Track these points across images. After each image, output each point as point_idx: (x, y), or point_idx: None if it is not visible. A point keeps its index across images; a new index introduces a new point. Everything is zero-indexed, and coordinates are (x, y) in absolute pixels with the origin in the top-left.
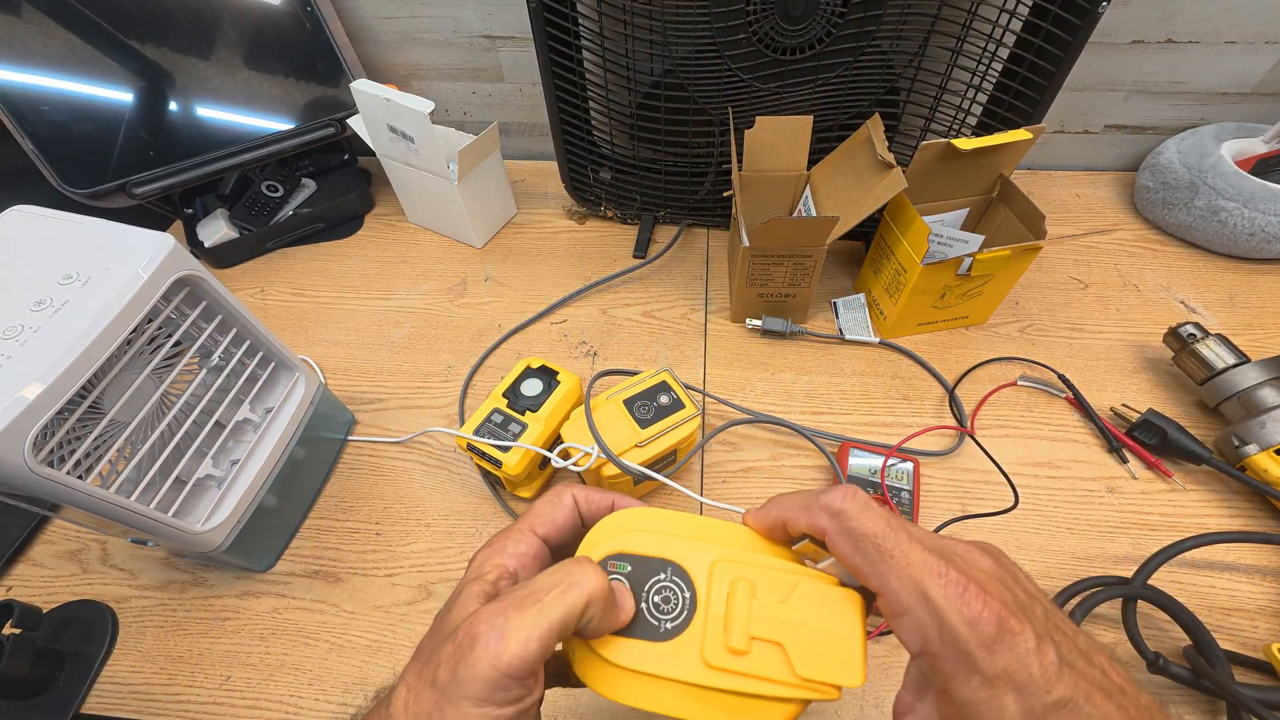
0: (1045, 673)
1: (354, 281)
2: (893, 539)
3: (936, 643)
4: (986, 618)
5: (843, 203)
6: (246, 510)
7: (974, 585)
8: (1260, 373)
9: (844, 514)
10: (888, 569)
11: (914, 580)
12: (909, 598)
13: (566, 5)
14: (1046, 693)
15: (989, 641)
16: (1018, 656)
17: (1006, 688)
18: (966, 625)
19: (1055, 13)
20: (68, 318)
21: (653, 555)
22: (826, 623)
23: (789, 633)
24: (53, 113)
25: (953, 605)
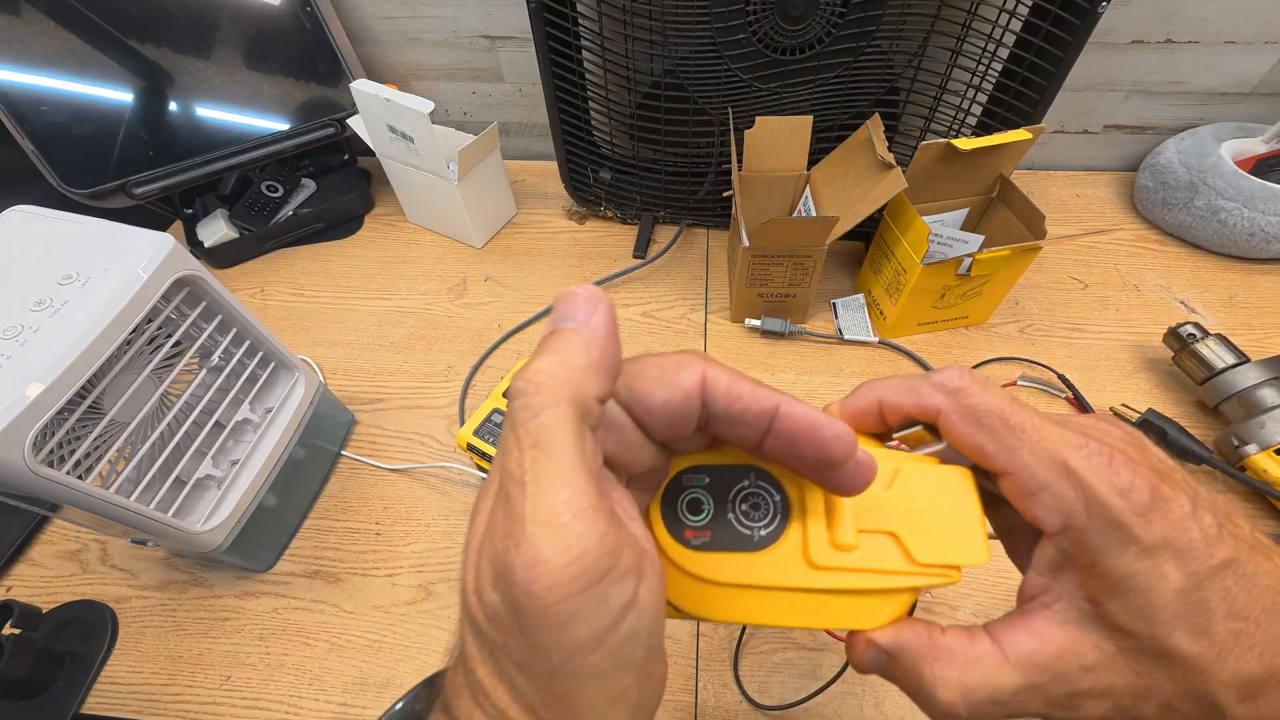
0: (1205, 536)
1: (354, 281)
2: (1021, 413)
3: (1083, 516)
4: (1139, 485)
5: (842, 203)
6: (246, 510)
7: (1119, 453)
8: (1260, 373)
9: (963, 391)
10: (1019, 444)
11: (1051, 453)
12: (1047, 472)
13: (566, 5)
14: (1209, 556)
15: (1144, 509)
16: (1175, 522)
17: (1166, 555)
18: (1118, 495)
19: (1055, 13)
20: (68, 318)
21: (732, 462)
22: (939, 503)
23: (899, 519)
24: (53, 113)
25: (1100, 475)
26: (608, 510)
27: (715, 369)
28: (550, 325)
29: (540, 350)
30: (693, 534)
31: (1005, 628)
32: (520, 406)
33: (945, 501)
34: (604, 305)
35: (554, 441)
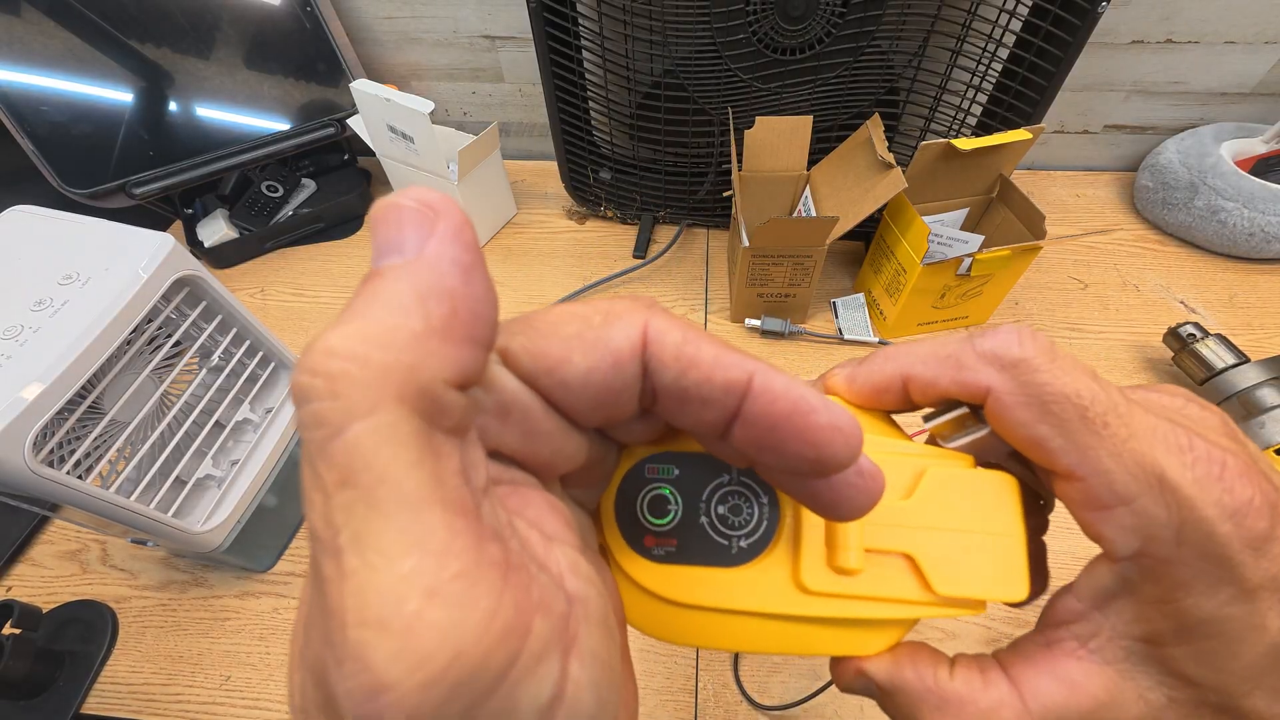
0: None
1: (354, 282)
2: (1105, 398)
3: (1171, 543)
4: (1258, 507)
5: (842, 203)
6: (246, 510)
7: (1232, 458)
8: (1260, 373)
9: (1026, 364)
10: (1099, 443)
11: (1143, 457)
12: (1134, 483)
13: (566, 5)
14: None
15: (1259, 541)
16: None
17: (1272, 600)
18: (1228, 519)
19: (1055, 13)
20: (68, 318)
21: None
22: (971, 521)
23: (918, 538)
24: (53, 113)
25: (1207, 490)
26: (494, 562)
27: (661, 320)
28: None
29: (341, 315)
30: (654, 542)
31: (1027, 668)
32: (311, 421)
33: (979, 518)
34: (448, 221)
35: (377, 473)
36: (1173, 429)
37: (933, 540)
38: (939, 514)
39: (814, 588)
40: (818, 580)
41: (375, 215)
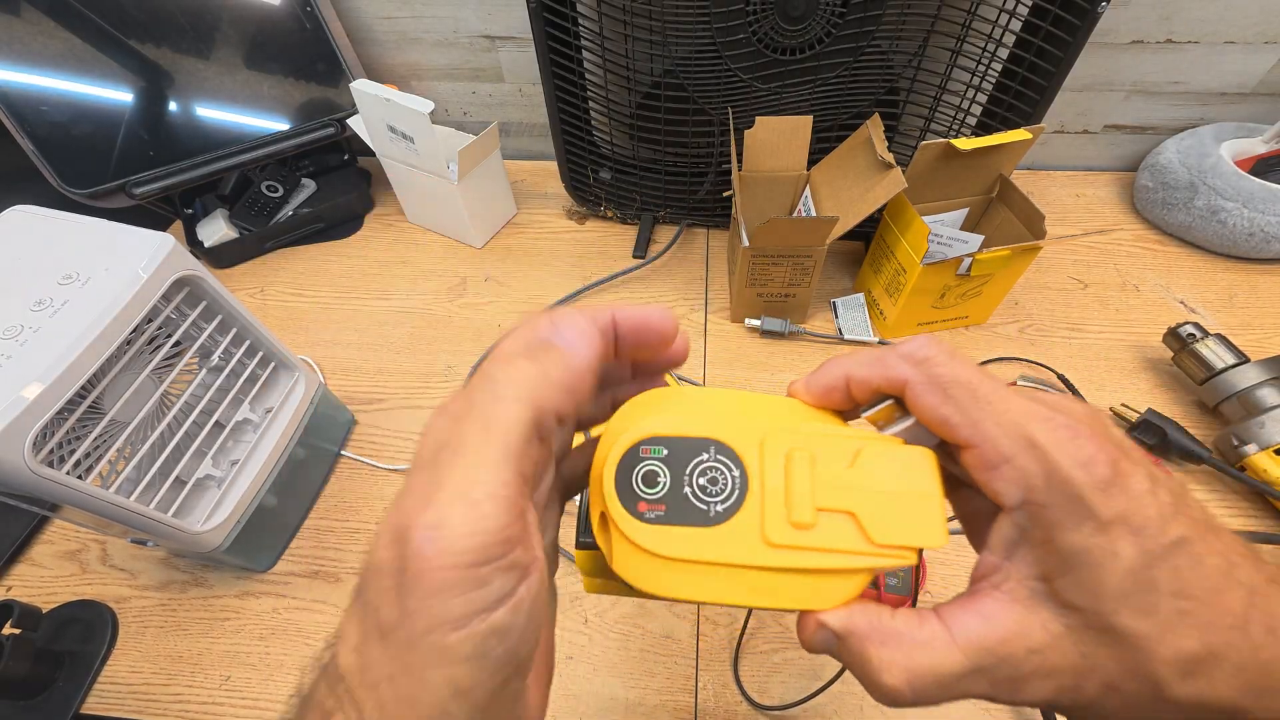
0: (1161, 513)
1: (354, 281)
2: (989, 384)
3: (1043, 490)
4: (1101, 459)
5: (842, 203)
6: (246, 510)
7: (1084, 426)
8: (1260, 372)
9: (930, 360)
10: (984, 415)
11: (1017, 425)
12: (1011, 444)
13: (566, 5)
14: (1163, 534)
15: (1104, 484)
16: (1134, 498)
17: (1122, 531)
18: (1080, 468)
19: (1055, 13)
20: (68, 318)
21: (692, 435)
22: (899, 484)
23: (859, 498)
24: (53, 113)
25: (1063, 448)
26: (520, 509)
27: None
28: (543, 330)
29: (525, 348)
30: (647, 507)
31: (955, 610)
32: (486, 385)
33: (906, 482)
34: (596, 344)
35: (501, 430)
36: (1039, 405)
37: (870, 500)
38: (875, 480)
39: (777, 541)
40: (779, 534)
41: (562, 313)
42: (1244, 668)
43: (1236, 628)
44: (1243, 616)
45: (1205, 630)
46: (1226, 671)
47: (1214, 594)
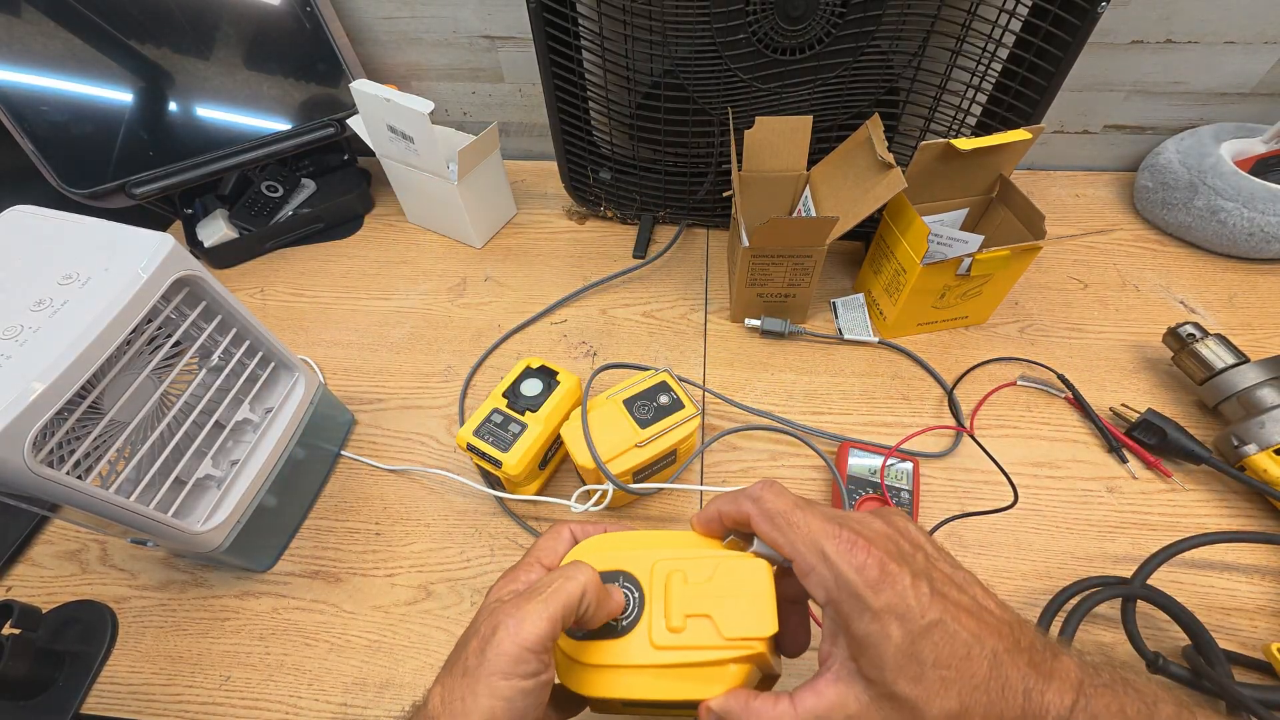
0: (920, 602)
1: (354, 281)
2: (798, 513)
3: (835, 590)
4: (870, 564)
5: (842, 203)
6: (246, 510)
7: (861, 539)
8: (1259, 373)
9: (761, 498)
10: (796, 536)
11: (815, 542)
12: (813, 556)
13: (566, 5)
14: (921, 618)
15: (874, 583)
16: (898, 593)
17: (890, 618)
18: (855, 572)
19: (1055, 13)
20: (67, 318)
21: (609, 569)
22: (742, 589)
23: (713, 604)
24: (53, 113)
25: (843, 557)
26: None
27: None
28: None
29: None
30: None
31: (801, 690)
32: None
33: (747, 587)
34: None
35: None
36: (832, 525)
37: (722, 603)
38: (725, 588)
39: (659, 643)
40: (661, 638)
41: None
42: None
43: (981, 688)
44: (986, 678)
45: (960, 691)
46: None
47: (964, 661)
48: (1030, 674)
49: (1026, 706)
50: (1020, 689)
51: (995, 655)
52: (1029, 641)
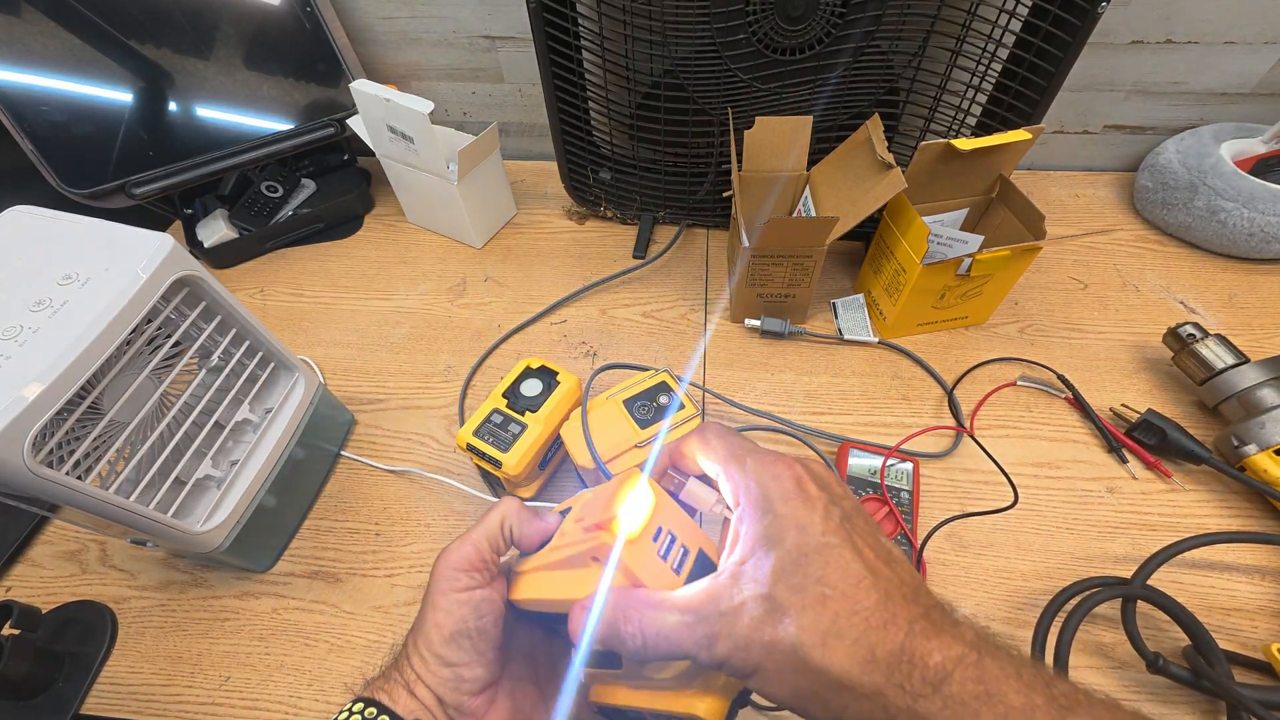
0: (825, 524)
1: (354, 282)
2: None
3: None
4: (787, 476)
5: (842, 203)
6: (246, 511)
7: (788, 460)
8: (1259, 373)
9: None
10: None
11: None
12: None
13: (566, 5)
14: (821, 534)
15: (785, 494)
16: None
17: (790, 525)
18: (771, 479)
19: (1055, 13)
20: (67, 318)
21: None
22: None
23: (588, 507)
24: (53, 113)
25: (763, 467)
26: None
27: None
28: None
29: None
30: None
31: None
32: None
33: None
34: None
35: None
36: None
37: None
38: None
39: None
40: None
41: None
42: (859, 644)
43: (860, 614)
44: (869, 608)
45: (838, 613)
46: (846, 645)
47: (852, 588)
48: (920, 620)
49: (906, 644)
50: (905, 628)
51: (888, 594)
52: (929, 601)
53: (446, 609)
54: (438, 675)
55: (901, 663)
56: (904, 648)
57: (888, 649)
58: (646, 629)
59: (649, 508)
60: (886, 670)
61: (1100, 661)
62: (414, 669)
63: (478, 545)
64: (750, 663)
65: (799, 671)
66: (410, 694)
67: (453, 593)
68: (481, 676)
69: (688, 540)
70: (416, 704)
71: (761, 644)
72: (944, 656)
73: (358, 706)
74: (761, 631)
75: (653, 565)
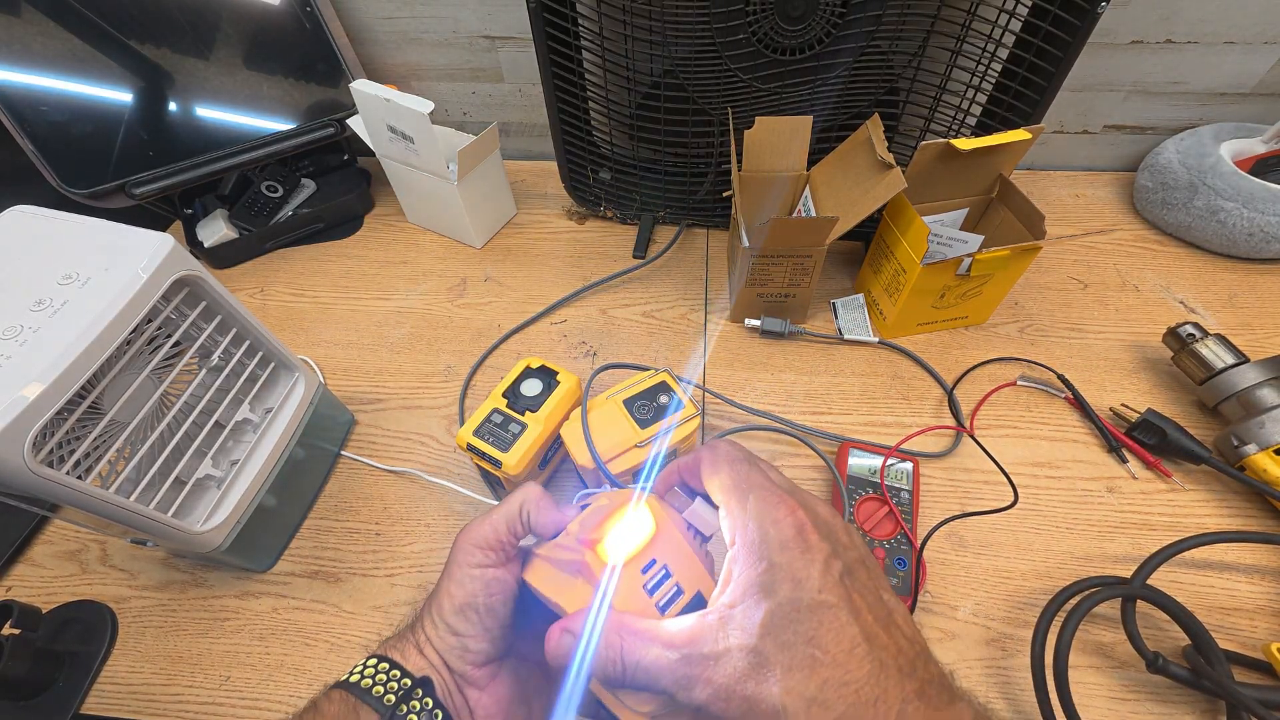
0: (823, 580)
1: (354, 282)
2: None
3: (741, 532)
4: (787, 523)
5: (842, 203)
6: (246, 510)
7: (792, 502)
8: (1259, 373)
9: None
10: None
11: (743, 489)
12: (734, 500)
13: (566, 5)
14: (817, 592)
15: (783, 541)
16: (804, 559)
17: (785, 578)
18: (771, 524)
19: (1054, 13)
20: (67, 318)
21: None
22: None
23: (590, 517)
24: (53, 113)
25: (764, 509)
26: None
27: None
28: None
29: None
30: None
31: (671, 622)
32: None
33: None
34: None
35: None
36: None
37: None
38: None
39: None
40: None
41: None
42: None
43: (851, 686)
44: (860, 680)
45: (827, 681)
46: (832, 717)
47: (845, 655)
48: (914, 700)
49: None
50: (896, 707)
51: (882, 665)
52: (926, 674)
53: (459, 581)
54: (445, 642)
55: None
56: None
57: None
58: (627, 657)
59: (644, 537)
60: None
61: (1100, 661)
62: (425, 632)
63: (495, 526)
64: (729, 714)
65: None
66: (420, 654)
67: (467, 567)
68: (485, 650)
69: (683, 579)
70: (425, 662)
71: (742, 697)
72: None
73: (372, 661)
74: (744, 685)
75: (635, 599)
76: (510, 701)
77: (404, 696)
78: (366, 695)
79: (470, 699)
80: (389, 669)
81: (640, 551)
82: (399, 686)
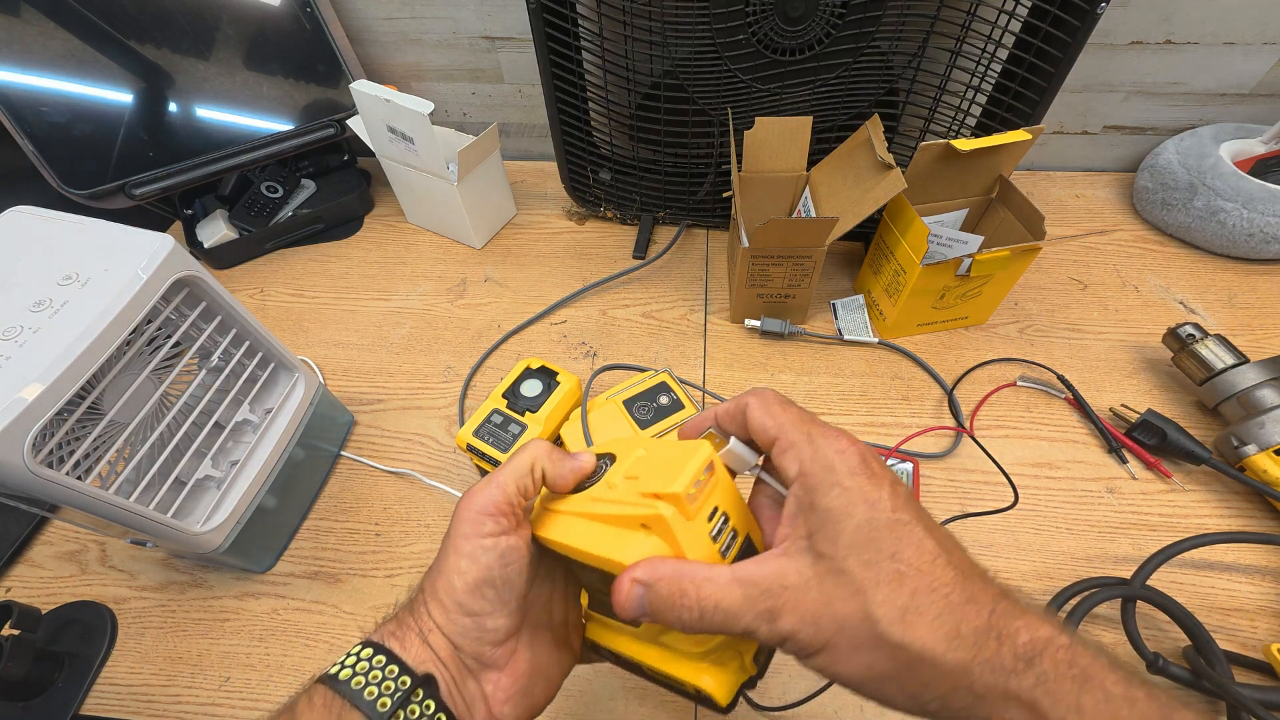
0: (894, 501)
1: (354, 282)
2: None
3: (809, 461)
4: (852, 452)
5: (842, 203)
6: (246, 511)
7: (846, 436)
8: (1259, 373)
9: (763, 392)
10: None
11: (804, 425)
12: (796, 434)
13: (566, 6)
14: (892, 512)
15: (852, 468)
16: (873, 484)
17: (859, 499)
18: (836, 453)
19: (1054, 13)
20: (67, 318)
21: (602, 451)
22: (675, 459)
23: (647, 469)
24: (52, 113)
25: (828, 440)
26: (507, 505)
27: None
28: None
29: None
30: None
31: (745, 562)
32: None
33: (681, 457)
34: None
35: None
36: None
37: (652, 468)
38: (665, 458)
39: (597, 495)
40: (600, 492)
41: None
42: (942, 620)
43: (940, 591)
44: (949, 584)
45: (915, 591)
46: (927, 621)
47: (929, 564)
48: (1003, 599)
49: (993, 621)
50: (989, 605)
51: (963, 572)
52: (1004, 587)
53: (471, 555)
54: (458, 624)
55: (989, 639)
56: (990, 625)
57: (973, 625)
58: (705, 602)
59: (715, 487)
60: (973, 647)
61: None
62: (432, 617)
63: (505, 488)
64: (819, 639)
65: (874, 649)
66: (424, 642)
67: (477, 538)
68: (504, 626)
69: (738, 523)
70: (429, 654)
71: (833, 619)
72: (1032, 637)
73: (366, 652)
74: (832, 606)
75: (703, 547)
76: (529, 677)
77: (401, 700)
78: (357, 697)
79: (485, 685)
80: (385, 663)
81: (706, 501)
82: (395, 687)
